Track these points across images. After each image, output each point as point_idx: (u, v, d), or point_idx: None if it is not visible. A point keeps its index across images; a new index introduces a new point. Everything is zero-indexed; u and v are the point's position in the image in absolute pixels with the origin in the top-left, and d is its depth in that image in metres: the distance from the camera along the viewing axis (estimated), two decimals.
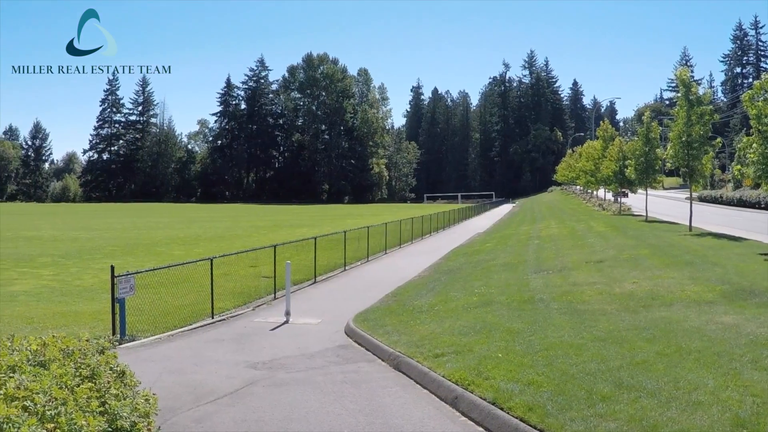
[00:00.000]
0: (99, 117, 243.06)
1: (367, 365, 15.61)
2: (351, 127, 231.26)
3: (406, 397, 12.92)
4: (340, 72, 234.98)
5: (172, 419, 11.50)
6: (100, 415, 6.14)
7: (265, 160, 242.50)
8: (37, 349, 7.30)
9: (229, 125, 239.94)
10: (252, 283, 28.78)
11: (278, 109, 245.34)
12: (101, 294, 26.98)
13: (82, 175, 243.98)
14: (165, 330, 20.37)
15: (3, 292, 28.39)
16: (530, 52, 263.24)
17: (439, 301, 22.11)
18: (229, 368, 15.45)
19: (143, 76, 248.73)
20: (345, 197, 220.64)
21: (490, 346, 14.78)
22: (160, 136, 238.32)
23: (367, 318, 20.53)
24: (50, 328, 19.81)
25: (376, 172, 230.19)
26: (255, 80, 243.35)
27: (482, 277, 27.89)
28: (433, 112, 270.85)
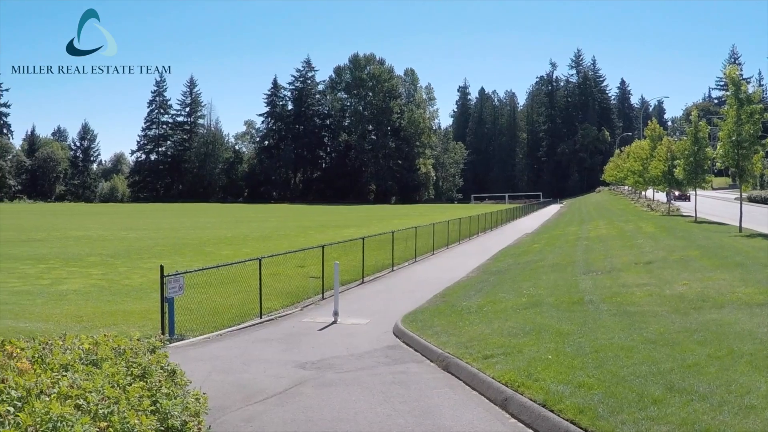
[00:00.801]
0: (147, 118, 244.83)
1: (415, 366, 15.55)
2: (398, 127, 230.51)
3: (455, 398, 12.85)
4: (386, 72, 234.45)
5: (221, 418, 11.51)
6: (151, 414, 6.14)
7: (312, 161, 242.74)
8: (89, 348, 7.32)
9: (276, 126, 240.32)
10: (300, 283, 28.82)
11: (325, 109, 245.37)
12: (150, 293, 27.12)
13: (130, 176, 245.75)
14: (213, 329, 20.43)
15: (53, 291, 28.62)
16: (577, 51, 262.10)
17: (487, 302, 21.99)
18: (278, 368, 15.45)
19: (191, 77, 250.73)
20: (392, 197, 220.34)
21: (540, 347, 14.67)
22: (207, 137, 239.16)
23: (415, 319, 20.48)
24: (99, 326, 19.92)
25: (423, 173, 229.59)
26: (302, 81, 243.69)
27: (531, 278, 27.73)
28: (480, 112, 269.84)
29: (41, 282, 31.41)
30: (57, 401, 5.15)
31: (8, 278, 32.39)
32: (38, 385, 5.40)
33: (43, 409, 4.92)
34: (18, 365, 5.87)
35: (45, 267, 36.77)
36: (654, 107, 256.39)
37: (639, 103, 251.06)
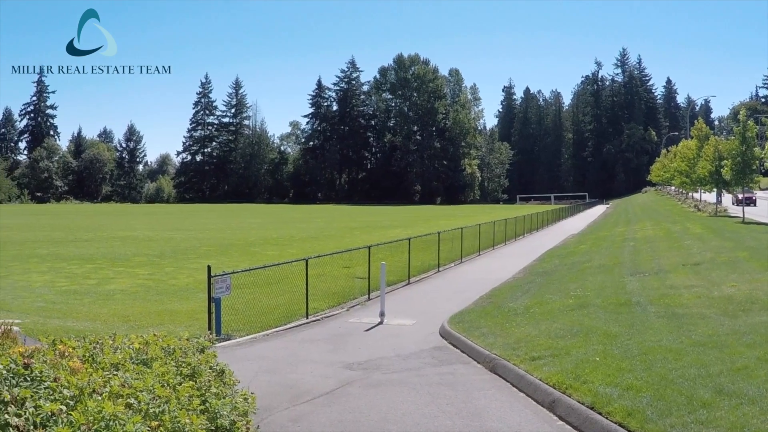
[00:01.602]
0: (192, 119, 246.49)
1: (462, 367, 15.51)
2: (443, 127, 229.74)
3: (502, 400, 12.80)
4: (431, 73, 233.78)
5: (268, 418, 11.53)
6: (201, 413, 6.16)
7: (357, 161, 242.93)
8: (139, 348, 7.36)
9: (320, 126, 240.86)
10: (346, 283, 28.87)
11: (370, 110, 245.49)
12: (196, 293, 27.29)
13: (176, 177, 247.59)
14: (260, 329, 20.51)
15: (100, 291, 28.89)
16: (622, 50, 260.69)
17: (534, 304, 21.90)
18: (325, 368, 15.47)
19: (236, 78, 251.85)
20: (437, 198, 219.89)
21: (588, 349, 14.58)
22: (252, 138, 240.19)
23: (462, 320, 20.43)
24: (146, 326, 20.10)
25: (468, 173, 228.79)
26: (346, 81, 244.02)
27: (577, 280, 27.59)
28: (525, 112, 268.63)
29: (88, 282, 31.71)
30: (109, 400, 5.18)
31: (56, 278, 32.74)
32: (90, 384, 5.43)
33: (96, 408, 4.94)
34: (70, 364, 5.90)
35: (92, 267, 37.10)
36: (700, 106, 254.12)
37: (685, 103, 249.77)
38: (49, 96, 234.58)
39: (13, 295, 27.56)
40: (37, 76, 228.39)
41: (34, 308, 24.36)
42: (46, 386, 5.32)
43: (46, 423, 4.78)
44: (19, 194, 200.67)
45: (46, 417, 4.81)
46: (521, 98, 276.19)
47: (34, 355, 6.08)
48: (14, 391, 5.05)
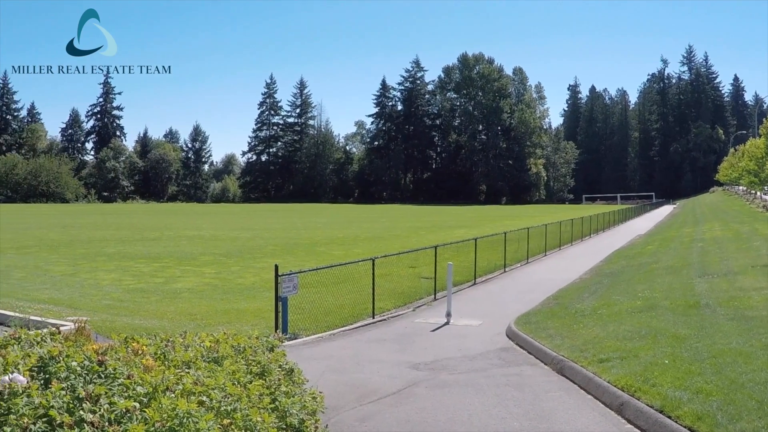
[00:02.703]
0: (257, 119, 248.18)
1: (529, 369, 15.43)
2: (508, 127, 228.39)
3: (570, 402, 12.72)
4: (496, 72, 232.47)
5: (335, 417, 11.55)
6: (271, 412, 6.18)
7: (423, 161, 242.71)
8: (210, 346, 7.40)
9: (385, 126, 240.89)
10: (411, 283, 28.85)
11: (435, 109, 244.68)
12: (262, 292, 27.38)
13: (241, 176, 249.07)
14: (326, 329, 20.57)
15: (167, 289, 29.15)
16: (689, 48, 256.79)
17: (601, 305, 21.73)
18: (391, 368, 15.47)
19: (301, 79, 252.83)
20: (502, 198, 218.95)
21: (656, 351, 14.42)
22: (317, 138, 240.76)
23: (528, 321, 20.34)
24: (213, 324, 20.29)
25: (534, 173, 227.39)
26: (411, 81, 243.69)
27: (645, 281, 27.34)
28: (591, 110, 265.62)
29: (155, 280, 32.01)
30: (182, 398, 5.21)
31: (123, 276, 33.10)
32: (164, 382, 5.47)
33: (170, 406, 4.97)
34: (143, 362, 5.95)
35: (159, 265, 37.46)
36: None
37: (753, 101, 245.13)
38: (115, 97, 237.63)
39: (81, 293, 27.94)
40: (103, 77, 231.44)
41: (101, 306, 24.64)
42: (120, 383, 5.37)
43: (120, 419, 4.82)
44: (86, 194, 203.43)
45: (121, 414, 4.85)
46: (587, 97, 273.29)
47: (107, 352, 6.14)
48: (89, 388, 5.10)
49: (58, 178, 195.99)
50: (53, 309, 22.99)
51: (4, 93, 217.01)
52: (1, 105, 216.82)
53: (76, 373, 5.51)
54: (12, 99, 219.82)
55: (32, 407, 4.73)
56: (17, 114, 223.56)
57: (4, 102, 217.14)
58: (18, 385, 4.88)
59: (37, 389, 4.93)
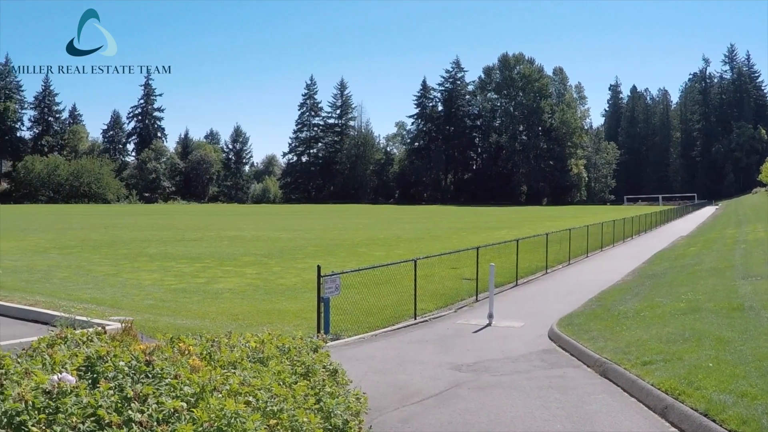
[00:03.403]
0: (298, 120, 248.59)
1: (572, 371, 15.36)
2: (549, 127, 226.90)
3: (613, 404, 12.63)
4: (536, 72, 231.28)
5: (378, 418, 11.54)
6: (316, 412, 6.19)
7: (463, 162, 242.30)
8: (255, 346, 7.43)
9: (426, 127, 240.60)
10: (453, 284, 28.85)
11: (475, 110, 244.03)
12: (304, 293, 27.47)
13: (282, 177, 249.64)
14: (368, 330, 20.61)
15: (209, 289, 29.27)
16: (730, 46, 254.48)
17: (644, 307, 21.59)
18: (434, 369, 15.46)
19: (341, 80, 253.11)
20: (543, 199, 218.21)
21: (700, 354, 14.30)
22: (358, 139, 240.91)
23: (571, 322, 20.26)
24: (255, 325, 20.35)
25: (574, 173, 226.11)
26: (451, 82, 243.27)
27: (688, 283, 27.13)
28: (632, 110, 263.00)
29: (197, 280, 32.16)
30: (229, 398, 5.23)
31: (165, 276, 33.28)
32: (211, 382, 5.49)
33: (218, 406, 4.99)
34: (190, 362, 5.98)
35: (200, 266, 37.62)
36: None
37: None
38: (156, 99, 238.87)
39: (123, 292, 28.13)
40: (144, 79, 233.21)
41: (144, 306, 24.80)
42: (167, 383, 5.40)
43: (168, 419, 4.84)
44: (127, 194, 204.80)
45: (169, 414, 4.88)
46: (628, 97, 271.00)
47: (154, 352, 6.17)
48: (137, 388, 5.13)
49: (100, 179, 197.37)
50: (96, 309, 23.14)
51: (46, 95, 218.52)
52: (43, 107, 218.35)
53: (124, 373, 5.55)
54: (54, 101, 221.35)
55: (81, 406, 4.77)
56: (59, 116, 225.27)
57: (46, 104, 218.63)
58: (67, 384, 4.91)
59: (85, 389, 4.96)
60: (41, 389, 4.90)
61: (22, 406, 4.65)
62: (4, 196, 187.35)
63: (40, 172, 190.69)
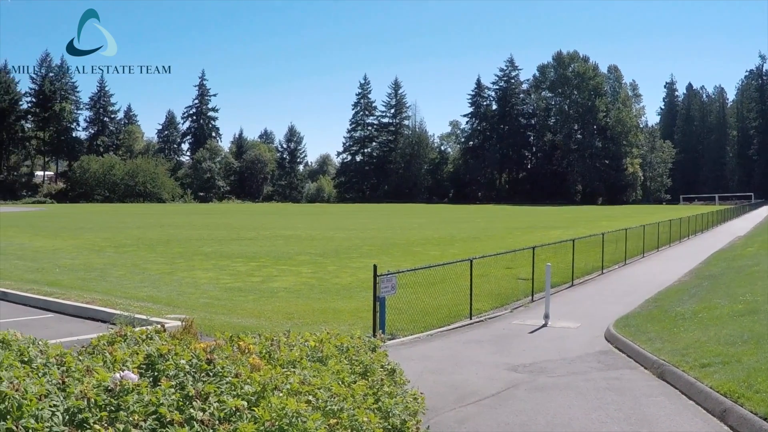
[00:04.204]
0: (352, 120, 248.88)
1: (629, 372, 15.28)
2: (604, 126, 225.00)
3: (671, 407, 12.55)
4: (591, 70, 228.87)
5: (435, 419, 11.53)
6: (374, 412, 6.18)
7: (518, 161, 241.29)
8: (314, 345, 7.43)
9: (480, 126, 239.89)
10: (508, 284, 28.74)
11: (529, 108, 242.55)
12: (359, 292, 27.43)
13: (336, 177, 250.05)
14: (423, 329, 20.59)
15: (264, 288, 29.36)
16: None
17: (702, 308, 21.37)
18: (490, 370, 15.44)
19: (395, 79, 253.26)
20: (598, 198, 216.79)
21: (759, 357, 14.11)
22: (412, 138, 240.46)
23: (627, 324, 20.12)
24: (310, 324, 20.39)
25: (630, 173, 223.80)
26: (505, 80, 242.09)
27: (746, 284, 26.80)
28: (688, 109, 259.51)
29: (252, 279, 32.29)
30: (289, 397, 5.23)
31: (221, 275, 33.45)
32: (272, 381, 5.50)
33: (279, 405, 4.99)
34: (250, 361, 6.01)
35: (256, 265, 37.76)
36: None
37: None
38: (210, 99, 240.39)
39: (179, 291, 28.34)
40: (199, 79, 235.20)
41: (199, 304, 24.92)
42: (228, 382, 5.42)
43: (230, 418, 4.85)
44: (182, 194, 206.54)
45: (230, 412, 4.89)
46: (683, 94, 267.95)
47: (215, 350, 6.19)
48: (198, 386, 5.15)
49: (155, 179, 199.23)
50: (152, 307, 23.40)
51: (101, 95, 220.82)
52: (98, 107, 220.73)
53: (185, 371, 5.57)
54: (109, 101, 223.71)
55: (142, 405, 4.79)
56: (114, 116, 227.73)
57: (101, 104, 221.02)
58: (129, 382, 4.94)
59: (146, 387, 4.98)
60: (103, 387, 4.93)
61: (84, 404, 4.68)
62: (60, 195, 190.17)
63: (95, 171, 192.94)
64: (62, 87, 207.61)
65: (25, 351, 6.06)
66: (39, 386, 4.78)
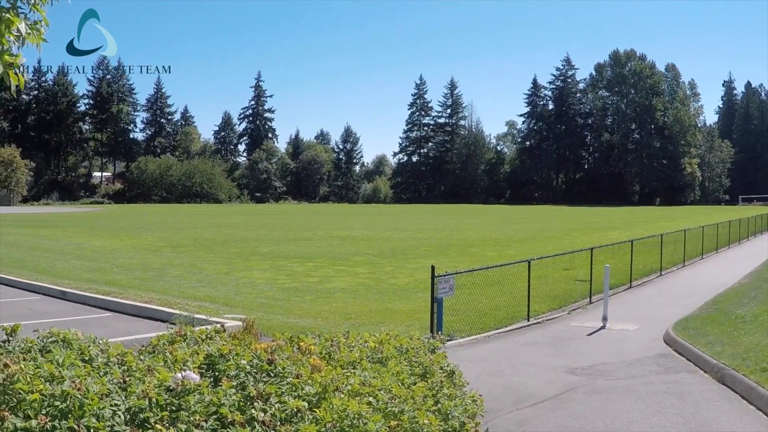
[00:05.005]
0: (408, 120, 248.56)
1: (689, 376, 15.12)
2: (661, 125, 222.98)
3: (731, 412, 12.42)
4: (648, 68, 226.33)
5: (493, 421, 11.49)
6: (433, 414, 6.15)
7: (575, 161, 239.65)
8: (374, 347, 7.43)
9: (536, 126, 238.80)
10: (566, 286, 28.57)
11: (586, 108, 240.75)
12: (416, 293, 27.38)
13: (392, 177, 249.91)
14: (480, 331, 20.52)
15: (321, 289, 29.40)
16: None
17: (763, 311, 21.08)
18: (548, 372, 15.37)
19: (451, 79, 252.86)
20: (656, 199, 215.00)
21: None
22: (468, 138, 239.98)
23: (686, 326, 19.90)
24: (367, 324, 20.39)
25: (688, 173, 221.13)
26: (562, 80, 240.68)
27: None
28: (747, 107, 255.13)
29: (309, 279, 32.34)
30: (350, 398, 5.22)
31: (278, 275, 33.54)
32: (333, 382, 5.49)
33: (341, 406, 4.98)
34: (311, 361, 6.01)
35: (312, 265, 37.84)
36: None
37: None
38: (266, 100, 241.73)
39: (236, 291, 28.47)
40: (255, 80, 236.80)
41: (256, 304, 25.00)
42: (288, 382, 5.42)
43: (291, 419, 4.85)
44: (238, 194, 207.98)
45: (291, 413, 4.89)
46: (742, 93, 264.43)
47: (276, 351, 6.20)
48: (259, 387, 5.15)
49: (212, 179, 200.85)
50: (209, 306, 23.52)
51: (159, 97, 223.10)
52: (155, 109, 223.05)
53: (245, 372, 5.58)
54: (165, 103, 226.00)
55: (204, 405, 4.80)
56: (171, 117, 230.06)
57: (158, 106, 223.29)
58: (191, 382, 4.95)
59: (207, 387, 4.99)
60: (164, 387, 4.95)
61: (145, 403, 4.71)
62: (117, 196, 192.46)
63: (152, 172, 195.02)
64: (119, 89, 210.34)
65: (85, 350, 6.13)
66: (100, 385, 4.82)
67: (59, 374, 5.04)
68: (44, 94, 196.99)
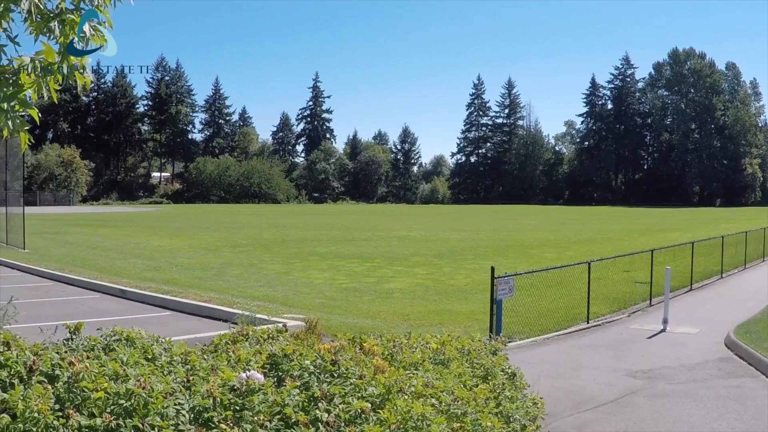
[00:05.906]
0: (466, 120, 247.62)
1: (750, 381, 14.97)
2: (722, 125, 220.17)
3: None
4: (707, 67, 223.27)
5: (552, 424, 11.47)
6: (496, 416, 6.14)
7: (634, 162, 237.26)
8: (437, 348, 7.42)
9: (595, 126, 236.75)
10: (625, 288, 28.37)
11: (645, 108, 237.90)
12: (474, 294, 27.30)
13: (450, 178, 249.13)
14: (539, 333, 20.46)
15: (379, 289, 29.40)
16: None
17: None
18: (607, 375, 15.28)
19: (509, 79, 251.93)
20: (716, 200, 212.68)
21: None
22: (527, 139, 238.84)
23: (748, 330, 19.68)
24: (426, 325, 20.39)
25: (749, 173, 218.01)
26: (621, 79, 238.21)
27: None
28: None
29: (368, 280, 32.36)
30: (413, 399, 5.22)
31: (336, 275, 33.62)
32: (397, 383, 5.49)
33: (405, 408, 4.98)
34: (374, 362, 6.01)
35: (370, 265, 37.88)
36: None
37: None
38: (324, 101, 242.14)
39: (294, 290, 28.56)
40: (312, 81, 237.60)
41: (315, 304, 25.06)
42: (352, 383, 5.42)
43: (354, 420, 4.86)
44: (297, 194, 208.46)
45: (355, 414, 4.89)
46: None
47: (339, 351, 6.21)
48: (323, 387, 5.17)
49: (270, 180, 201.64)
50: (268, 306, 23.58)
51: (217, 98, 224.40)
52: (213, 110, 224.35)
53: (309, 372, 5.60)
54: (224, 104, 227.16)
55: (268, 405, 4.82)
56: (229, 118, 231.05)
57: (216, 107, 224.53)
58: (255, 382, 4.97)
59: (271, 386, 5.01)
60: (228, 386, 4.98)
61: (210, 403, 4.74)
62: (176, 196, 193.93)
63: (211, 172, 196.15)
64: (178, 90, 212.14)
65: (149, 349, 6.18)
66: (164, 384, 4.86)
67: (124, 373, 5.10)
68: (103, 95, 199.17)
